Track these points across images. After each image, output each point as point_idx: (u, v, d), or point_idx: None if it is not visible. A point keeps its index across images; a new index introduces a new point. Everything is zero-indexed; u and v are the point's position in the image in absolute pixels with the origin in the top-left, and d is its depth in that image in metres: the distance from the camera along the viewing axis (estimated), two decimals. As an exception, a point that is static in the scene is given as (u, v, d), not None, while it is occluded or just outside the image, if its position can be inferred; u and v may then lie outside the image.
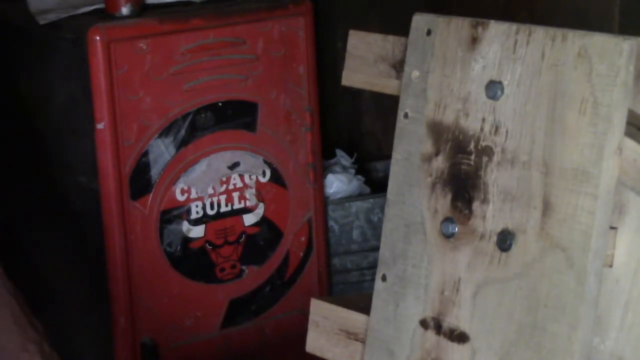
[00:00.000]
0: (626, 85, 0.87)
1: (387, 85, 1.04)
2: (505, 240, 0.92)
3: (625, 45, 0.86)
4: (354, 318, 1.06)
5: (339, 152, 2.80)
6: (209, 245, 2.13)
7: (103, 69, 1.92)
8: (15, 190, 2.20)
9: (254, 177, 2.15)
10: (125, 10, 1.97)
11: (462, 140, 0.95)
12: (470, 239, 0.94)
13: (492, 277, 0.93)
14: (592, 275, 0.88)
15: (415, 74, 0.99)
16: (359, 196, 2.67)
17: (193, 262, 2.17)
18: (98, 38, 1.91)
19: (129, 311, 2.02)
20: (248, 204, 2.16)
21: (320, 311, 1.08)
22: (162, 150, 2.00)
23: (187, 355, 2.27)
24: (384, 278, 1.01)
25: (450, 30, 0.96)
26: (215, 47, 2.10)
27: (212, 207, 2.10)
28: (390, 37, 1.07)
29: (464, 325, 0.95)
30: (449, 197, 0.96)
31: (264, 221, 2.30)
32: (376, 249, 1.03)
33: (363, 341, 1.04)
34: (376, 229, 2.63)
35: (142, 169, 1.99)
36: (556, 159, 0.89)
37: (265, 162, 2.17)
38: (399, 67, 1.04)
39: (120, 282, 2.01)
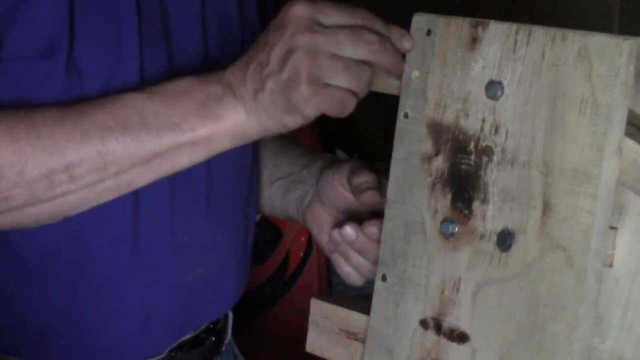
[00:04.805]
0: (626, 85, 0.86)
1: (387, 85, 1.04)
2: (505, 241, 0.92)
3: (625, 45, 0.86)
4: (354, 318, 1.06)
5: (339, 152, 2.80)
6: (209, 245, 2.12)
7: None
8: None
9: (253, 177, 2.14)
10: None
11: (462, 140, 0.95)
12: (470, 239, 0.94)
13: (492, 277, 0.93)
14: (592, 275, 0.88)
15: (415, 74, 0.99)
16: (359, 196, 2.66)
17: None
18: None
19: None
20: (248, 204, 2.15)
21: (320, 311, 1.08)
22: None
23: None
24: (384, 278, 1.01)
25: (450, 30, 0.96)
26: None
27: (212, 207, 2.10)
28: (390, 37, 1.07)
29: (464, 325, 0.95)
30: (449, 197, 0.96)
31: (263, 221, 2.30)
32: (376, 249, 1.03)
33: (363, 341, 1.04)
34: (376, 229, 2.62)
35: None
36: (556, 159, 0.89)
37: (266, 161, 2.16)
38: (399, 67, 1.04)
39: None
